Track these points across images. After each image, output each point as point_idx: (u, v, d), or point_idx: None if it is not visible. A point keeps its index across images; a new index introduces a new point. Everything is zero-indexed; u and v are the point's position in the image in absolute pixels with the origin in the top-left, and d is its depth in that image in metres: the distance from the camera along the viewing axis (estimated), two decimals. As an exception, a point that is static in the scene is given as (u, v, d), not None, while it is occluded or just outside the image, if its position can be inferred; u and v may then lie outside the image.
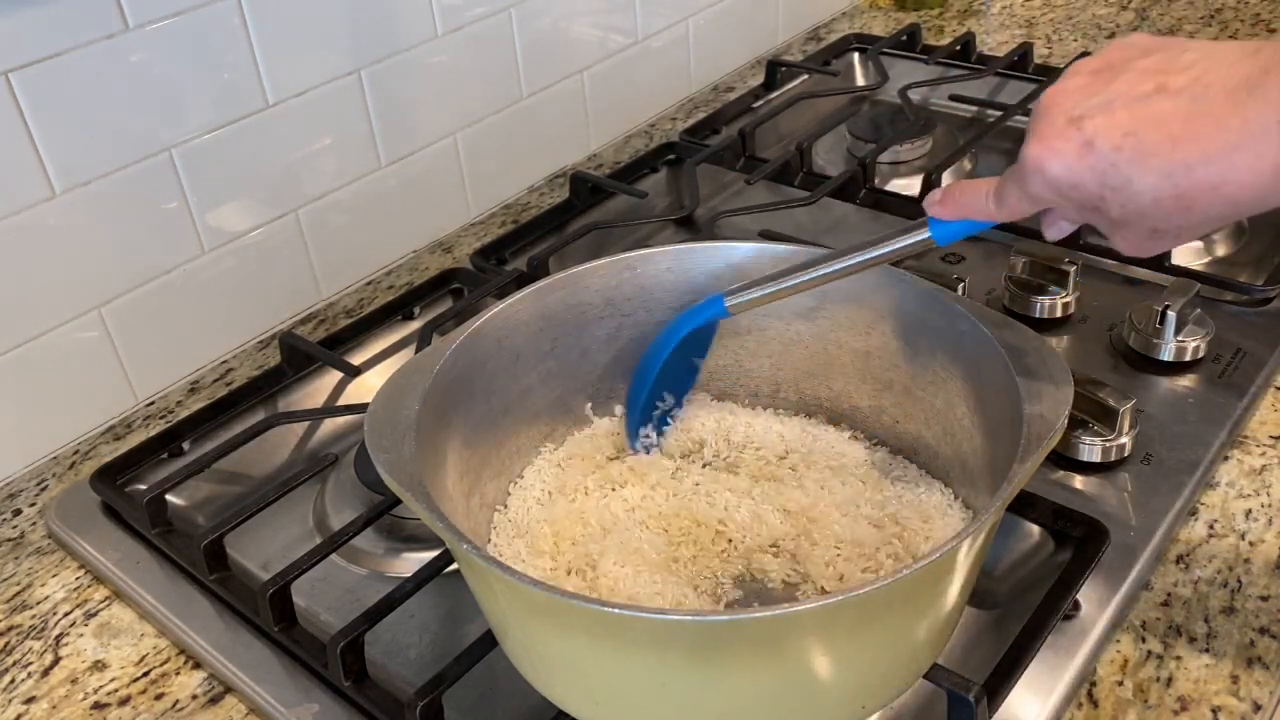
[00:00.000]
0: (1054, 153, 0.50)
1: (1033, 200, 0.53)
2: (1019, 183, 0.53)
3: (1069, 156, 0.49)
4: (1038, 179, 0.51)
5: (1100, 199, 0.50)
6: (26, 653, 0.73)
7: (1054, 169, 0.50)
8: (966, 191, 0.58)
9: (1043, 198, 0.52)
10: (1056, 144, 0.50)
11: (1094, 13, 1.46)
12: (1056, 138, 0.50)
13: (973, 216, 0.58)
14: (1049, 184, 0.51)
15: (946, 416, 0.69)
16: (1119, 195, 0.49)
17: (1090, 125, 0.49)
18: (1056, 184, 0.50)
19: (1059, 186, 0.50)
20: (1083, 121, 0.49)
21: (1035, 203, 0.53)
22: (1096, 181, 0.49)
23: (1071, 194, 0.50)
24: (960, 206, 0.58)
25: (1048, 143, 0.50)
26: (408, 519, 0.77)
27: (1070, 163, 0.49)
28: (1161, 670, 0.64)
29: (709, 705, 0.53)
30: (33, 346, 0.85)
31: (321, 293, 1.04)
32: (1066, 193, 0.51)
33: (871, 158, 1.10)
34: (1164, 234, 0.50)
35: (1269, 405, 0.82)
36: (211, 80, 0.90)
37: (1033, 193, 0.52)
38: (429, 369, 0.64)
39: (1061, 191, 0.51)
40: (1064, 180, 0.50)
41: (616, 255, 0.73)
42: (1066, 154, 0.49)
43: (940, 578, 0.53)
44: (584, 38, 1.20)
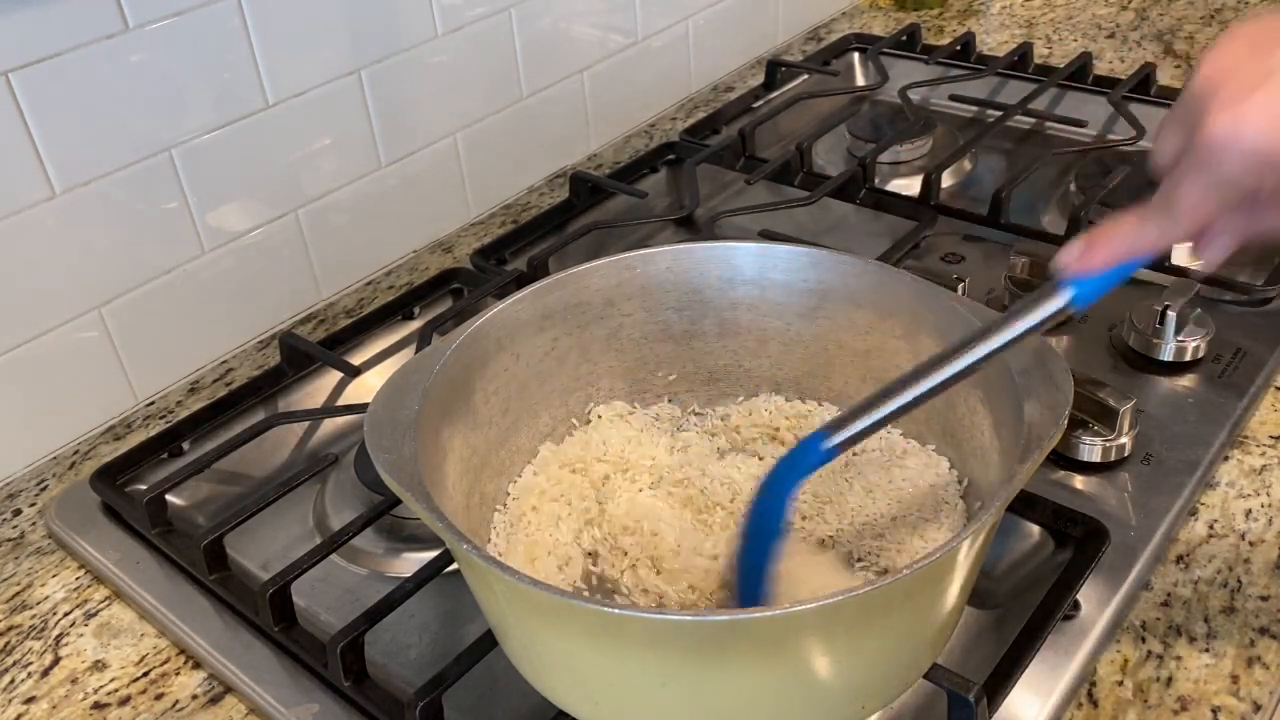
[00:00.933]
0: (1249, 116, 0.44)
1: (1220, 188, 0.47)
2: (1199, 174, 0.47)
3: (1267, 113, 0.44)
4: (1232, 153, 0.45)
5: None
6: (26, 653, 0.73)
7: (1253, 133, 0.44)
8: (1115, 232, 0.51)
9: (1235, 178, 0.46)
10: (1248, 108, 0.44)
11: (1094, 13, 1.46)
12: (1245, 102, 0.44)
13: (1135, 253, 0.51)
14: (1247, 154, 0.45)
15: (946, 417, 0.69)
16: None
17: (1266, 80, 0.44)
18: (1258, 151, 0.45)
19: (1261, 153, 0.45)
20: (1270, 80, 0.44)
21: (1222, 192, 0.47)
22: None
23: (1275, 159, 0.45)
24: (1114, 248, 0.51)
25: (1236, 109, 0.44)
26: (408, 519, 0.77)
27: (1271, 119, 0.44)
28: (1161, 670, 0.64)
29: (709, 705, 0.53)
30: (33, 346, 0.85)
31: (321, 293, 1.04)
32: (1270, 159, 0.45)
33: (871, 158, 1.10)
34: None
35: (1269, 405, 0.82)
36: (211, 80, 0.90)
37: (1224, 175, 0.46)
38: (429, 369, 0.64)
39: (1264, 158, 0.45)
40: (1266, 145, 0.44)
41: (616, 255, 0.73)
42: (1263, 111, 0.44)
43: (940, 578, 0.53)
44: (584, 38, 1.20)
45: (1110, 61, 1.33)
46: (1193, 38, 1.37)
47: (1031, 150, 1.18)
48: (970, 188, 1.14)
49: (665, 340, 0.76)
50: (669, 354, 0.76)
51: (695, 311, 0.75)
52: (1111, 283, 0.53)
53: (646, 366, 0.76)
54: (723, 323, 0.75)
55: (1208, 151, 0.46)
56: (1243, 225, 0.50)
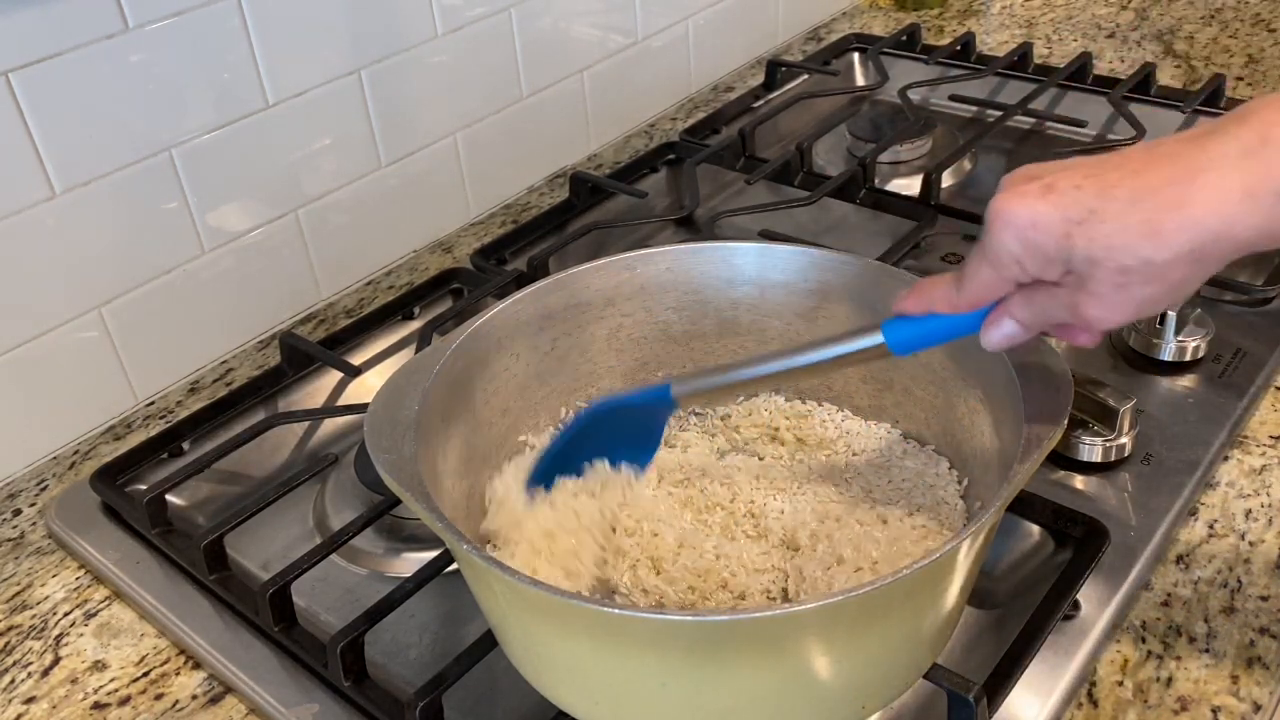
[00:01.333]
0: (1017, 196, 0.50)
1: (994, 263, 0.51)
2: (981, 248, 0.52)
3: (1031, 198, 0.49)
4: (1001, 228, 0.50)
5: (1066, 238, 0.49)
6: (26, 653, 0.73)
7: (1018, 211, 0.49)
8: (933, 284, 0.57)
9: (1006, 254, 0.51)
10: (1019, 190, 0.50)
11: (1094, 13, 1.46)
12: (1018, 187, 0.50)
13: (936, 307, 0.56)
14: (1014, 230, 0.50)
15: (946, 416, 0.69)
16: (1084, 230, 0.48)
17: (1051, 176, 0.50)
18: (1020, 227, 0.49)
19: (1023, 229, 0.49)
20: (1044, 175, 0.50)
21: (997, 267, 0.52)
22: (1061, 218, 0.49)
23: (1036, 237, 0.49)
24: (924, 299, 0.57)
25: (1010, 190, 0.50)
26: (408, 519, 0.77)
27: (1033, 203, 0.49)
28: (1161, 670, 0.64)
29: (709, 705, 0.53)
30: (33, 346, 0.85)
31: (321, 293, 1.04)
32: (1030, 236, 0.49)
33: (871, 158, 1.10)
34: (1133, 277, 0.48)
35: (1269, 405, 0.82)
36: (211, 80, 0.90)
37: (996, 248, 0.51)
38: (429, 369, 0.64)
39: (1026, 236, 0.49)
40: (1027, 221, 0.49)
41: (616, 255, 0.73)
42: (1029, 195, 0.49)
43: (940, 578, 0.53)
44: (584, 38, 1.20)
45: (1110, 61, 1.33)
46: (1193, 38, 1.37)
47: (1031, 150, 1.19)
48: (970, 188, 1.14)
49: (665, 340, 0.76)
50: (669, 354, 0.76)
51: (695, 311, 0.75)
52: (926, 338, 0.58)
53: (646, 367, 0.76)
54: (723, 323, 0.75)
55: (987, 225, 0.51)
56: (1026, 312, 0.54)
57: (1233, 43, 1.35)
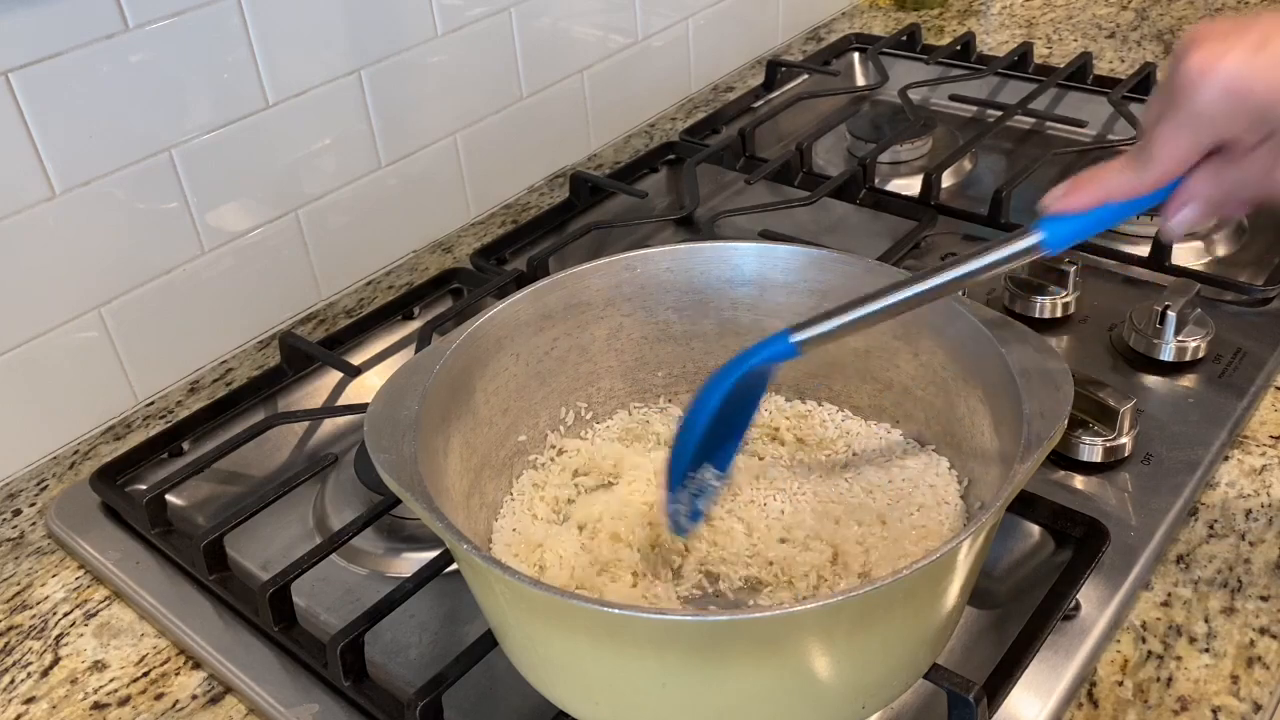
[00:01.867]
0: (1224, 52, 0.46)
1: (1194, 124, 0.47)
2: (1174, 111, 0.48)
3: (1243, 52, 0.45)
4: (1206, 85, 0.46)
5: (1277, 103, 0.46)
6: (26, 653, 0.73)
7: (1228, 67, 0.46)
8: (1099, 174, 0.52)
9: (1208, 113, 0.47)
10: (1223, 45, 0.46)
11: (1094, 13, 1.46)
12: (1221, 41, 0.46)
13: (1112, 196, 0.51)
14: (1223, 89, 0.46)
15: (946, 416, 0.69)
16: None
17: (1256, 29, 0.45)
18: (1232, 85, 0.46)
19: (1235, 89, 0.46)
20: (1245, 28, 0.46)
21: (1195, 130, 0.48)
22: (1274, 77, 0.45)
23: (1248, 97, 0.46)
24: (1094, 190, 0.52)
25: (1213, 45, 0.46)
26: (408, 519, 0.77)
27: (1246, 57, 0.45)
28: (1161, 670, 0.64)
29: (709, 705, 0.53)
30: (33, 346, 0.85)
31: (321, 293, 1.04)
32: (1243, 96, 0.46)
33: (871, 158, 1.10)
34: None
35: (1269, 405, 0.82)
36: (211, 80, 0.90)
37: (1197, 108, 0.47)
38: (429, 369, 0.64)
39: (1238, 95, 0.46)
40: (1240, 79, 0.45)
41: (616, 255, 0.73)
42: (1240, 50, 0.45)
43: (940, 578, 0.53)
44: (584, 38, 1.20)
45: (1110, 61, 1.33)
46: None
47: (1031, 150, 1.19)
48: (970, 188, 1.14)
49: (665, 340, 0.76)
50: (669, 354, 0.76)
51: (695, 311, 0.75)
52: (1086, 230, 0.53)
53: (646, 366, 0.76)
54: (723, 323, 0.75)
55: (1182, 86, 0.47)
56: (1213, 188, 0.51)
57: None
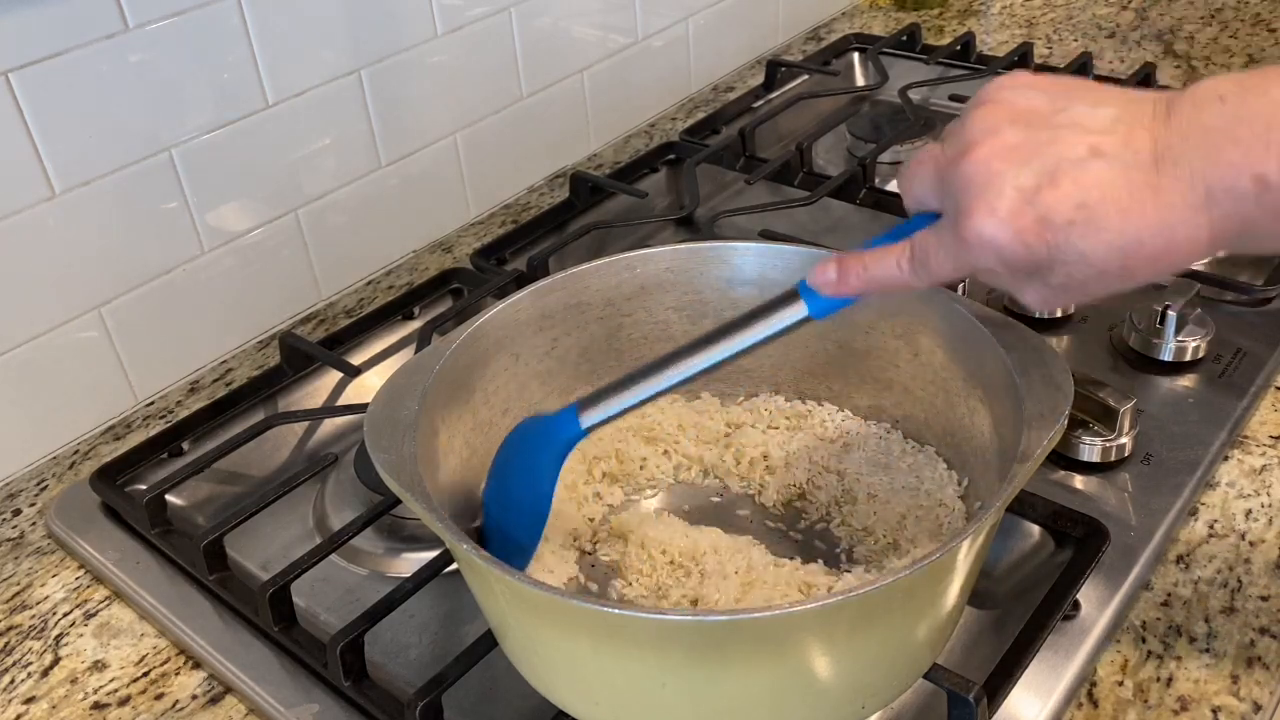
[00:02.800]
0: (1008, 228, 0.48)
1: (967, 269, 0.51)
2: (955, 252, 0.51)
3: (1026, 233, 0.48)
4: (986, 252, 0.49)
5: (1048, 271, 0.49)
6: (26, 653, 0.73)
7: (1008, 244, 0.48)
8: (871, 263, 0.55)
9: (980, 268, 0.51)
10: (1010, 220, 0.48)
11: (1094, 13, 1.46)
12: (1009, 213, 0.48)
13: (886, 288, 0.55)
14: (999, 257, 0.49)
15: (946, 416, 0.69)
16: (1067, 268, 0.48)
17: (1043, 199, 0.48)
18: (1008, 258, 0.49)
19: (1009, 260, 0.49)
20: (1035, 195, 0.48)
21: (967, 271, 0.52)
22: (1049, 256, 0.48)
23: (1019, 266, 0.49)
24: (869, 279, 0.55)
25: (1000, 217, 0.48)
26: (408, 519, 0.77)
27: (1028, 239, 0.48)
28: (1161, 670, 0.64)
29: (709, 705, 0.53)
30: (33, 346, 0.85)
31: (321, 293, 1.04)
32: (1014, 264, 0.49)
33: (871, 158, 1.10)
34: (1086, 295, 0.50)
35: (1269, 405, 0.82)
36: (211, 80, 0.90)
37: (972, 263, 0.50)
38: (429, 369, 0.64)
39: (1010, 264, 0.49)
40: (1018, 255, 0.49)
41: (616, 255, 0.73)
42: (1024, 230, 0.48)
43: (940, 578, 0.53)
44: (584, 38, 1.20)
45: (1110, 61, 1.33)
46: (1193, 38, 1.37)
47: (1031, 150, 1.18)
48: (970, 188, 1.14)
49: (665, 340, 0.75)
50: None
51: (695, 311, 0.75)
52: (843, 304, 0.56)
53: (646, 366, 0.76)
54: (723, 323, 0.74)
55: (965, 244, 0.50)
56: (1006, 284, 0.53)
57: (1233, 43, 1.35)
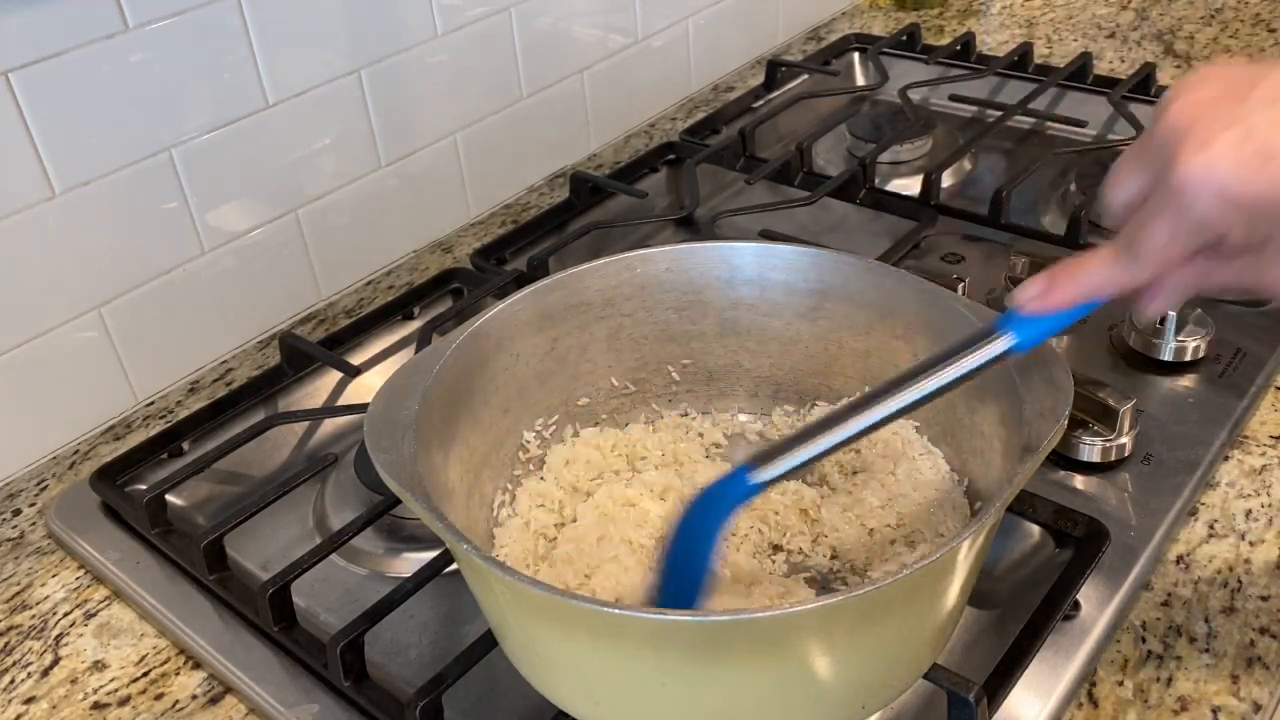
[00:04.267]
0: (1227, 157, 0.43)
1: (1191, 230, 0.46)
2: (1170, 216, 0.46)
3: (1249, 163, 0.43)
4: (1206, 195, 0.44)
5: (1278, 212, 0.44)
6: (26, 653, 0.73)
7: (1229, 176, 0.44)
8: (1079, 270, 0.50)
9: (1206, 220, 0.45)
10: (1228, 149, 0.43)
11: (1094, 13, 1.46)
12: (1226, 143, 0.43)
13: (1097, 295, 0.50)
14: (1222, 199, 0.44)
15: (946, 416, 0.69)
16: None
17: (1260, 127, 0.43)
18: (1233, 197, 0.44)
19: (1236, 200, 0.44)
20: (1251, 125, 0.43)
21: (1191, 235, 0.46)
22: (1272, 178, 0.43)
23: (1249, 207, 0.44)
24: (1079, 287, 0.50)
25: (1216, 148, 0.43)
26: (408, 519, 0.77)
27: (1252, 169, 0.43)
28: (1161, 670, 0.64)
29: (709, 705, 0.53)
30: (33, 346, 0.85)
31: (321, 293, 1.04)
32: (1243, 205, 0.44)
33: (871, 158, 1.10)
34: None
35: (1269, 405, 0.82)
36: (211, 80, 0.90)
37: (1196, 216, 0.45)
38: (429, 369, 0.64)
39: (1238, 204, 0.44)
40: (1242, 191, 0.44)
41: (616, 255, 0.73)
42: (1245, 160, 0.43)
43: (940, 578, 0.53)
44: (584, 38, 1.20)
45: (1110, 61, 1.33)
46: (1193, 38, 1.37)
47: (1031, 150, 1.18)
48: (970, 188, 1.14)
49: (665, 340, 0.76)
50: (669, 354, 0.76)
51: (695, 311, 0.75)
52: (1059, 327, 0.52)
53: (647, 366, 0.76)
54: (723, 323, 0.75)
55: (1180, 193, 0.45)
56: (1195, 278, 0.49)
57: (1233, 43, 1.35)
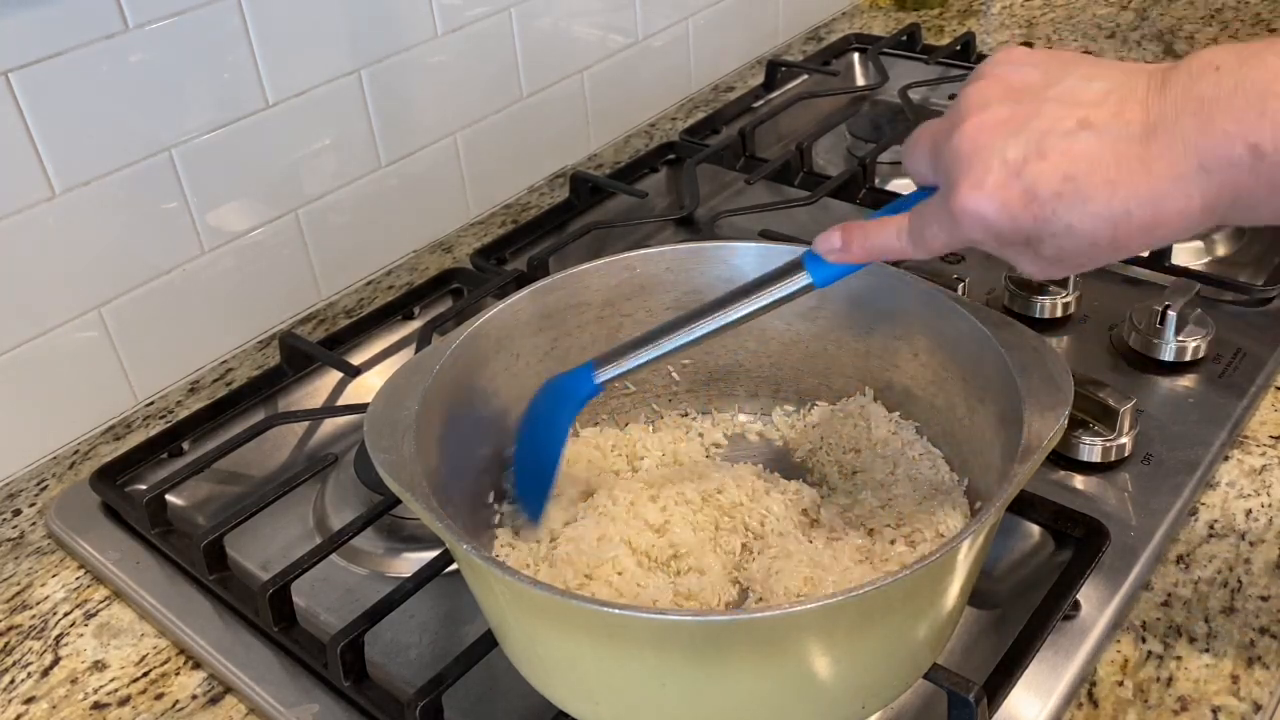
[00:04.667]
0: (994, 201, 0.49)
1: (960, 242, 0.52)
2: (947, 225, 0.52)
3: (1013, 205, 0.48)
4: (974, 225, 0.50)
5: (1038, 242, 0.49)
6: (26, 653, 0.73)
7: (995, 217, 0.49)
8: (873, 232, 0.56)
9: (972, 240, 0.51)
10: (996, 193, 0.49)
11: (1094, 13, 1.46)
12: (995, 186, 0.49)
13: (885, 256, 0.56)
14: (987, 230, 0.50)
15: (947, 416, 0.69)
16: (1056, 240, 0.49)
17: (1029, 172, 0.48)
18: (996, 231, 0.50)
19: (998, 233, 0.50)
20: (1021, 168, 0.48)
21: (961, 244, 0.52)
22: (1036, 228, 0.49)
23: (1008, 238, 0.50)
24: (870, 249, 0.56)
25: (986, 191, 0.49)
26: (408, 519, 0.77)
27: (1014, 211, 0.48)
28: (1161, 670, 0.64)
29: (709, 705, 0.53)
30: (33, 346, 0.85)
31: (321, 293, 1.04)
32: (1003, 237, 0.50)
33: (871, 158, 1.10)
34: (1080, 265, 0.51)
35: (1269, 405, 0.82)
36: (211, 80, 0.90)
37: (964, 236, 0.51)
38: (429, 369, 0.64)
39: (999, 236, 0.50)
40: (1005, 228, 0.49)
41: (616, 255, 0.73)
42: (1010, 203, 0.48)
43: (940, 578, 0.53)
44: (584, 38, 1.20)
45: (1110, 61, 1.33)
46: (1193, 38, 1.37)
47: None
48: (970, 188, 1.14)
49: (665, 340, 0.75)
50: (669, 354, 0.76)
51: (695, 311, 0.74)
52: (849, 272, 0.58)
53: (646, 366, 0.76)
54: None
55: (955, 218, 0.51)
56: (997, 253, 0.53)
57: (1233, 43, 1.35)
